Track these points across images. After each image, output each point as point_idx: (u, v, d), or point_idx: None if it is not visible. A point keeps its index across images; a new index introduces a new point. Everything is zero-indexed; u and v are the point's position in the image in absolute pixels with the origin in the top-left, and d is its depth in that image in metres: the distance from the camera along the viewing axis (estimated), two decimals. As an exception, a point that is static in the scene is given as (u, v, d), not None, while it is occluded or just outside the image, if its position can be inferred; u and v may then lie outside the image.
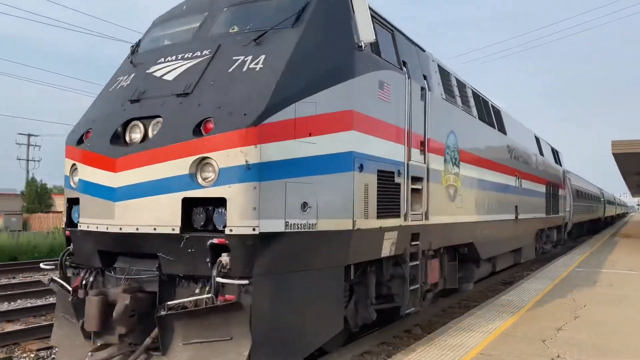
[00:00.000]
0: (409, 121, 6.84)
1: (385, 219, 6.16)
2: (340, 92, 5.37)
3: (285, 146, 4.78)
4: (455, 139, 8.48)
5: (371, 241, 5.92)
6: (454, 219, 8.35)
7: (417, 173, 7.09)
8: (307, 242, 4.95)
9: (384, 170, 6.14)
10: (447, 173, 8.12)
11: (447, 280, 9.00)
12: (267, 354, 4.59)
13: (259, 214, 4.52)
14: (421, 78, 7.39)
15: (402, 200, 6.57)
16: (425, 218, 7.33)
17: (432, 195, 7.50)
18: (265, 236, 4.56)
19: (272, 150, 4.66)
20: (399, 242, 6.53)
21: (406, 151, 6.76)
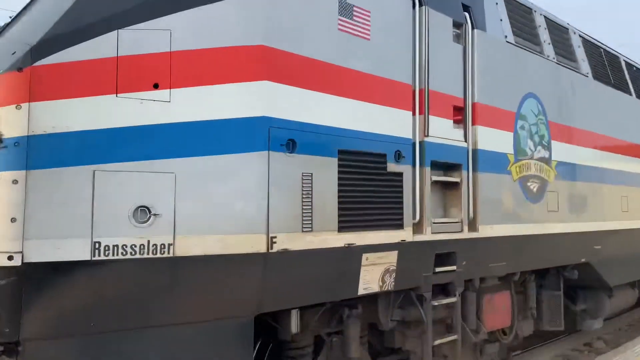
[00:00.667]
0: (421, 73, 4.24)
1: (364, 231, 3.69)
2: (232, 11, 3.10)
3: (94, 107, 2.68)
4: (539, 107, 5.54)
5: (326, 269, 3.51)
6: (539, 228, 5.42)
7: (447, 157, 4.44)
8: (151, 277, 2.78)
9: (356, 152, 3.68)
10: (523, 157, 5.25)
11: (544, 320, 6.03)
12: None
13: (25, 231, 2.49)
14: (457, 7, 4.70)
15: (406, 199, 4.02)
16: (471, 228, 4.63)
17: (486, 191, 4.76)
18: (41, 270, 2.51)
19: (60, 113, 2.60)
20: (403, 269, 3.99)
21: (417, 121, 4.18)
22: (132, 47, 2.77)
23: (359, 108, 3.68)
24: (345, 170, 3.58)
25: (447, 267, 4.37)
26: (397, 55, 4.03)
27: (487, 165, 4.81)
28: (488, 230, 4.78)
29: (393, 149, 3.93)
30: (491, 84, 4.94)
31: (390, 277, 3.92)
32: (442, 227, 4.38)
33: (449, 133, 4.48)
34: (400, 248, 3.95)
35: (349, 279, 3.62)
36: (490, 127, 4.91)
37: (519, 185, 5.20)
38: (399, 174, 3.98)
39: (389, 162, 3.89)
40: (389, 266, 3.90)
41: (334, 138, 3.52)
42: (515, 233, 5.09)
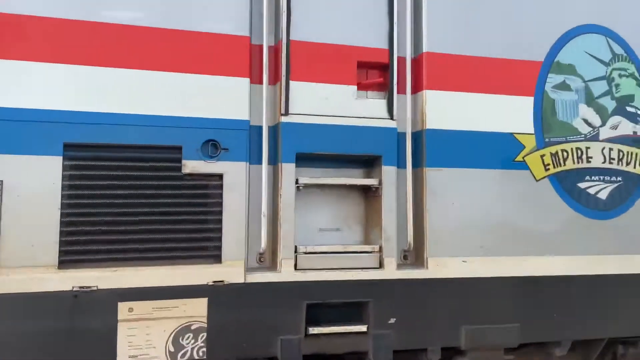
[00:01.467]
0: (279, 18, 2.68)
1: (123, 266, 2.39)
2: None
3: None
4: (612, 47, 3.13)
5: (33, 327, 2.33)
6: (618, 263, 2.99)
7: (340, 146, 2.70)
8: None
9: (107, 146, 2.42)
10: (567, 138, 2.99)
11: None
12: None
13: None
14: None
15: (233, 215, 2.51)
16: (418, 262, 2.76)
17: (455, 199, 2.79)
18: None
19: None
20: (226, 329, 2.48)
21: (265, 92, 2.62)
22: None
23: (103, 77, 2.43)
24: (83, 175, 2.38)
25: (336, 328, 2.61)
26: None
27: (450, 157, 2.82)
28: (455, 265, 2.77)
29: (200, 138, 2.52)
30: (472, 21, 2.92)
31: (195, 340, 2.47)
32: (326, 260, 2.65)
33: (347, 106, 2.73)
34: (214, 293, 2.48)
35: (92, 345, 2.36)
36: (465, 92, 2.88)
37: (555, 186, 2.94)
38: (214, 175, 2.52)
39: (188, 160, 2.49)
40: (189, 323, 2.47)
41: (52, 126, 2.37)
42: (538, 273, 2.87)
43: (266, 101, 2.62)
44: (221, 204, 2.51)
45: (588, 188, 3.01)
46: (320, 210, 2.78)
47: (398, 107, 2.80)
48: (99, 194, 2.39)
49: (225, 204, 2.51)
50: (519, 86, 2.96)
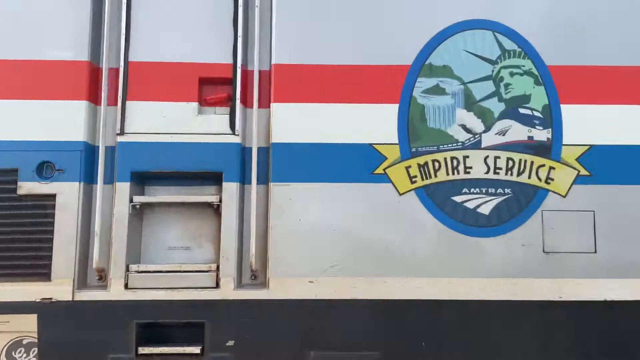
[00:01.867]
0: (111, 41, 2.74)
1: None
2: None
3: None
4: (502, 43, 2.79)
5: None
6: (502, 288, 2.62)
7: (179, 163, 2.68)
8: None
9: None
10: (440, 147, 2.70)
11: None
12: None
13: None
14: None
15: (64, 234, 2.59)
16: (260, 283, 2.65)
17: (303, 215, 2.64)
18: None
19: None
20: (55, 344, 2.55)
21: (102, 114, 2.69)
22: None
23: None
24: None
25: (168, 348, 2.56)
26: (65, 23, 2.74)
27: (297, 171, 2.67)
28: (302, 287, 2.60)
29: (35, 160, 2.64)
30: (327, 26, 2.78)
31: (27, 355, 2.57)
32: (161, 280, 2.62)
33: (187, 123, 2.70)
34: (43, 310, 2.56)
35: None
36: (319, 103, 2.72)
37: (423, 201, 2.66)
38: (48, 196, 2.63)
39: (23, 181, 2.63)
40: (20, 337, 2.57)
41: None
42: (393, 296, 2.59)
43: (103, 122, 2.68)
44: (53, 223, 2.60)
45: (466, 202, 2.68)
46: (170, 228, 2.76)
47: (246, 122, 2.72)
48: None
49: (57, 223, 2.60)
50: (380, 93, 2.73)
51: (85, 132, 2.68)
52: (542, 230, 2.65)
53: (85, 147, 2.67)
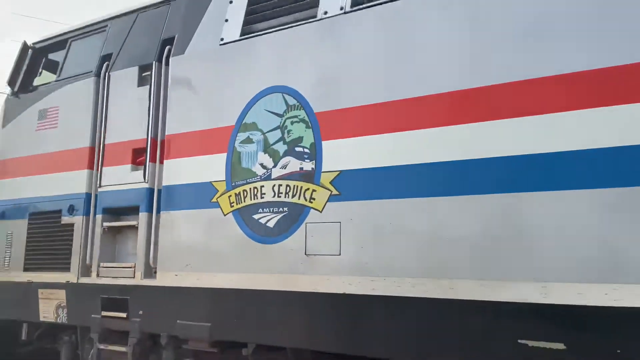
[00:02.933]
0: (97, 133, 4.76)
1: (40, 271, 4.87)
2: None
3: None
4: (288, 100, 3.78)
5: (15, 296, 5.00)
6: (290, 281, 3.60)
7: (121, 202, 4.53)
8: None
9: (40, 212, 5.00)
10: (247, 180, 3.87)
11: None
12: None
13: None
14: (151, 49, 4.60)
15: (75, 245, 4.68)
16: (149, 275, 4.24)
17: (171, 232, 4.16)
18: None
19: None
20: (73, 307, 4.63)
21: (94, 175, 4.73)
22: None
23: (40, 182, 5.03)
24: (32, 226, 5.04)
25: (113, 313, 4.34)
26: (79, 127, 4.90)
27: (174, 203, 4.18)
28: (169, 278, 4.09)
29: (67, 204, 4.82)
30: (189, 109, 4.26)
31: (63, 311, 4.70)
32: (114, 272, 4.44)
33: (126, 177, 4.49)
34: (68, 288, 4.67)
35: (32, 307, 4.89)
36: (185, 157, 4.20)
37: (235, 220, 3.85)
38: (71, 224, 4.76)
39: (63, 216, 4.83)
40: (61, 302, 4.72)
41: (25, 205, 5.11)
42: (220, 285, 3.83)
43: (89, 181, 4.70)
44: (72, 240, 4.70)
45: (260, 218, 3.73)
46: (122, 242, 4.59)
47: (151, 174, 4.37)
48: (35, 236, 4.97)
49: (74, 240, 4.69)
50: (218, 146, 4.03)
51: (86, 187, 4.74)
52: (305, 238, 3.52)
53: (86, 195, 4.73)
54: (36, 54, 5.66)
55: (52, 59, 5.67)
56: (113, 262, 4.54)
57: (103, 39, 5.11)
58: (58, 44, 5.52)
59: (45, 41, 5.65)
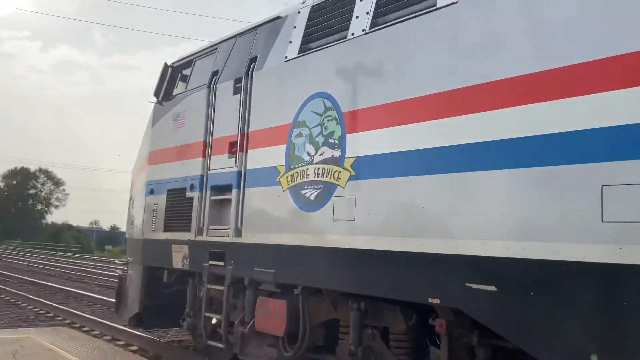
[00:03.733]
0: (208, 131, 6.40)
1: (173, 232, 6.71)
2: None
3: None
4: (326, 103, 4.96)
5: (159, 250, 6.90)
6: (317, 239, 4.85)
7: (221, 181, 6.12)
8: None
9: (173, 189, 6.84)
10: (297, 165, 5.16)
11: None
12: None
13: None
14: (242, 65, 6.08)
15: (194, 213, 6.40)
16: (238, 235, 5.75)
17: (251, 204, 5.65)
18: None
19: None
20: (192, 258, 6.37)
21: (205, 162, 6.40)
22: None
23: (174, 167, 6.86)
24: (169, 199, 6.91)
25: (217, 262, 5.94)
26: (197, 126, 6.60)
27: (254, 182, 5.64)
28: (251, 237, 5.55)
29: (189, 183, 6.57)
30: (265, 111, 5.65)
31: (186, 261, 6.47)
32: (216, 232, 6.04)
33: (225, 163, 6.05)
34: (189, 244, 6.42)
35: (168, 257, 6.75)
36: (261, 148, 5.62)
37: (290, 194, 5.17)
38: (191, 198, 6.50)
39: (186, 192, 6.59)
40: (185, 254, 6.49)
41: (166, 184, 7.00)
42: (280, 242, 5.18)
43: (203, 166, 6.36)
44: (192, 210, 6.43)
45: (305, 193, 4.99)
46: (223, 211, 6.17)
47: (240, 160, 5.86)
48: (170, 207, 6.83)
49: (193, 210, 6.41)
50: (280, 139, 5.36)
51: (201, 170, 6.42)
52: (333, 207, 4.69)
53: (201, 177, 6.41)
54: (173, 71, 7.56)
55: (185, 74, 7.53)
56: (217, 225, 6.16)
57: (214, 58, 6.76)
58: (187, 63, 7.34)
59: (179, 61, 7.52)
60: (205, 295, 6.16)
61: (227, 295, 5.80)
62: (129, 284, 7.92)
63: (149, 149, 7.66)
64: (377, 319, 4.61)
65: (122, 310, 8.03)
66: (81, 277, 20.24)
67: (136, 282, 7.58)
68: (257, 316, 5.45)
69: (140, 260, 7.51)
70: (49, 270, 23.69)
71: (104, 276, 19.87)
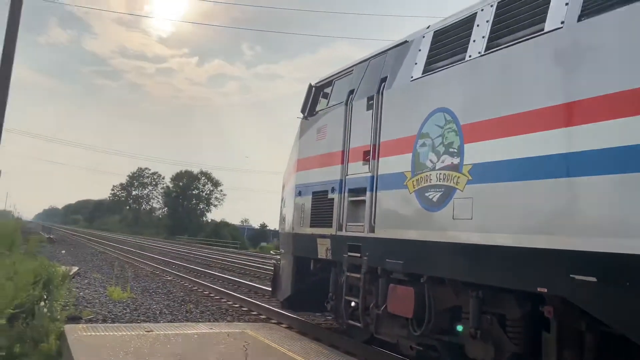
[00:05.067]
0: (345, 141, 7.45)
1: (317, 227, 7.88)
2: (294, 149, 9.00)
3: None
4: (447, 117, 5.73)
5: (307, 243, 8.10)
6: (438, 235, 5.65)
7: (357, 185, 7.12)
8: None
9: (317, 191, 8.01)
10: (422, 171, 5.99)
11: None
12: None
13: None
14: (374, 85, 7.02)
15: (335, 212, 7.49)
16: (372, 231, 6.72)
17: (383, 204, 6.59)
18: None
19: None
20: (334, 249, 7.46)
21: (344, 169, 7.45)
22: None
23: (318, 173, 8.03)
24: (314, 199, 8.11)
25: (354, 253, 6.96)
26: (337, 138, 7.69)
27: (384, 185, 6.57)
28: (382, 232, 6.49)
29: (331, 186, 7.69)
30: (393, 124, 6.54)
31: (328, 252, 7.59)
32: (353, 228, 7.06)
33: (360, 169, 7.05)
34: (331, 238, 7.54)
35: (314, 249, 7.93)
36: (390, 156, 6.52)
37: (416, 196, 6.01)
38: (332, 199, 7.61)
39: (328, 194, 7.72)
40: (328, 246, 7.62)
41: (311, 187, 8.20)
42: (407, 237, 6.04)
43: (341, 171, 7.42)
44: (332, 209, 7.53)
45: (429, 195, 5.78)
46: (358, 210, 7.18)
47: (372, 167, 6.81)
48: (314, 206, 8.02)
49: (334, 209, 7.51)
50: (407, 149, 6.21)
51: (340, 175, 7.50)
52: (453, 208, 5.44)
53: (340, 181, 7.48)
54: (316, 90, 8.77)
55: (326, 92, 8.70)
56: (353, 222, 7.19)
57: (350, 79, 7.81)
58: (327, 83, 8.50)
59: (321, 82, 8.70)
60: (345, 282, 7.23)
61: (363, 282, 6.80)
62: (281, 271, 9.32)
63: (297, 157, 8.96)
64: (494, 306, 5.26)
65: (277, 294, 9.45)
66: (250, 270, 21.38)
67: (288, 270, 8.93)
68: (390, 300, 6.36)
69: (291, 251, 8.84)
70: (221, 263, 25.74)
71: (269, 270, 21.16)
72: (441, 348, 5.97)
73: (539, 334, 4.97)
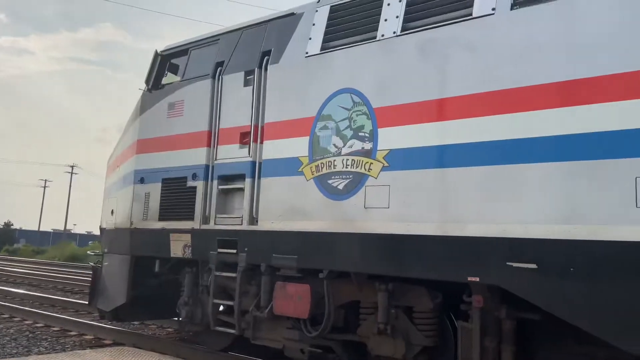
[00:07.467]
0: (213, 120, 6.49)
1: (171, 220, 6.69)
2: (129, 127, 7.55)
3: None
4: (354, 99, 5.29)
5: (154, 239, 6.85)
6: (348, 226, 5.16)
7: (232, 171, 6.22)
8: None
9: (170, 178, 6.81)
10: (324, 156, 5.43)
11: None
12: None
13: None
14: (254, 58, 6.24)
15: (198, 202, 6.44)
16: (252, 223, 5.92)
17: (268, 192, 5.82)
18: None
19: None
20: (196, 246, 6.40)
21: (211, 152, 6.46)
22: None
23: (171, 156, 6.83)
24: (165, 188, 6.87)
25: (227, 250, 6.06)
26: (200, 116, 6.64)
27: (271, 172, 5.82)
28: (268, 225, 5.74)
29: (191, 173, 6.59)
30: (284, 104, 5.85)
31: (187, 250, 6.49)
32: (226, 221, 6.15)
33: (235, 153, 6.18)
34: (192, 232, 6.46)
35: (164, 246, 6.72)
36: (279, 139, 5.82)
37: (315, 183, 5.43)
38: (194, 187, 6.53)
39: (188, 181, 6.61)
40: (187, 243, 6.51)
41: (160, 173, 6.94)
42: (304, 229, 5.42)
43: (208, 155, 6.42)
44: (195, 198, 6.46)
45: (333, 183, 5.29)
46: (231, 200, 6.28)
47: (254, 151, 6.02)
48: (166, 195, 6.80)
49: (196, 198, 6.45)
50: (302, 131, 5.60)
51: (205, 159, 6.47)
52: (364, 196, 5.04)
53: (205, 166, 6.46)
54: (163, 59, 7.47)
55: (174, 63, 7.47)
56: (226, 214, 6.26)
57: (216, 49, 6.81)
58: (182, 52, 7.30)
59: (171, 49, 7.45)
60: (213, 283, 6.24)
61: (240, 282, 5.94)
62: (106, 276, 7.72)
63: (137, 136, 7.50)
64: (403, 299, 5.03)
65: (98, 303, 7.79)
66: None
67: (120, 273, 7.40)
68: (276, 300, 5.66)
69: (127, 250, 7.34)
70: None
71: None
72: (338, 348, 5.52)
73: (452, 324, 4.91)
